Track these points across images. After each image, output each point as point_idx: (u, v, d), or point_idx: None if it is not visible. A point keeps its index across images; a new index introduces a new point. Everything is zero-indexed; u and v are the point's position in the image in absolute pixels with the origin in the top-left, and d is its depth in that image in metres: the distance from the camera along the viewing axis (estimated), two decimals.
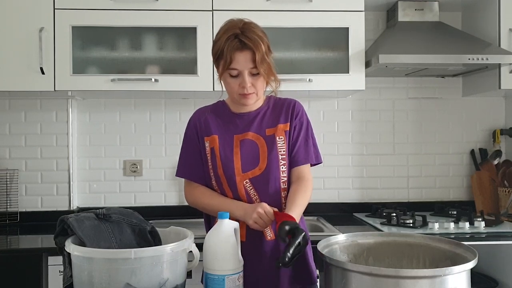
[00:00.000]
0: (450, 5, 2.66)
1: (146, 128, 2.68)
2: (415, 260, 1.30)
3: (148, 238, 1.29)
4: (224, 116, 1.55)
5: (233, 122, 1.53)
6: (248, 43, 1.38)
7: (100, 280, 1.08)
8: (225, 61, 1.40)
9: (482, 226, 2.23)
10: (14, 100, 2.58)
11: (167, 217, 2.50)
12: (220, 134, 1.51)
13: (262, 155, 1.49)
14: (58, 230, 1.21)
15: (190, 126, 1.57)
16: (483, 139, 2.83)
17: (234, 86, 1.44)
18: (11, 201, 2.53)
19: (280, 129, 1.52)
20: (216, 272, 1.18)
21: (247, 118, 1.53)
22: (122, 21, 2.27)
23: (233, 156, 1.48)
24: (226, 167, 1.47)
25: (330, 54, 2.41)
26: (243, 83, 1.42)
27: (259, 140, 1.50)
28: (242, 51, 1.39)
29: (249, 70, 1.41)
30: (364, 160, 2.78)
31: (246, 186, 1.47)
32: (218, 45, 1.42)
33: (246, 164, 1.48)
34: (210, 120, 1.54)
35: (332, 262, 1.13)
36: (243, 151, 1.49)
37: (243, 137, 1.51)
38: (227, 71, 1.42)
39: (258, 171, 1.48)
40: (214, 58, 1.46)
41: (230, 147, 1.49)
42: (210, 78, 2.28)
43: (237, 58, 1.39)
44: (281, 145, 1.50)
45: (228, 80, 1.45)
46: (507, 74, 2.41)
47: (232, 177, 1.47)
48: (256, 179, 1.47)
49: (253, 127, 1.51)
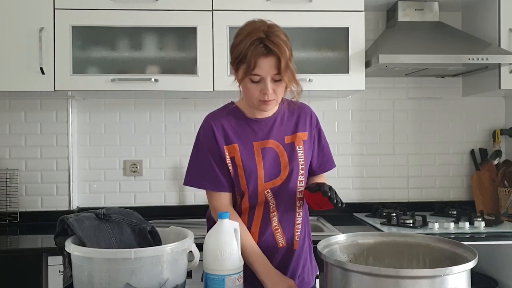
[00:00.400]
0: (450, 5, 2.66)
1: (146, 128, 2.68)
2: (415, 260, 1.30)
3: (148, 238, 1.29)
4: (240, 122, 1.48)
5: (251, 129, 1.47)
6: (273, 49, 1.32)
7: (100, 280, 1.08)
8: (248, 66, 1.34)
9: (482, 226, 2.23)
10: (14, 100, 2.58)
11: (167, 217, 2.50)
12: (240, 143, 1.45)
13: (283, 164, 1.46)
14: (58, 230, 1.21)
15: (205, 132, 1.47)
16: (483, 139, 2.83)
17: (255, 92, 1.38)
18: (11, 201, 2.53)
19: (299, 138, 1.49)
20: (216, 272, 1.18)
21: (264, 124, 1.48)
22: (122, 21, 2.27)
23: (256, 165, 1.44)
24: (249, 177, 1.43)
25: (330, 54, 2.41)
26: (265, 90, 1.36)
27: (279, 148, 1.47)
28: (267, 57, 1.33)
29: (272, 77, 1.36)
30: (364, 160, 2.78)
31: (267, 196, 1.45)
32: (240, 48, 1.35)
33: (268, 174, 1.45)
34: (226, 126, 1.46)
35: (332, 262, 1.13)
36: (265, 160, 1.45)
37: (263, 145, 1.46)
38: (249, 77, 1.36)
39: (279, 181, 1.46)
40: (235, 61, 1.40)
41: (252, 156, 1.44)
42: (210, 78, 2.28)
43: (261, 64, 1.33)
44: (301, 155, 1.48)
45: (249, 85, 1.38)
46: (507, 74, 2.40)
47: (255, 187, 1.44)
48: (276, 189, 1.46)
49: (272, 134, 1.47)
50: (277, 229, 1.47)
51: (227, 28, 2.28)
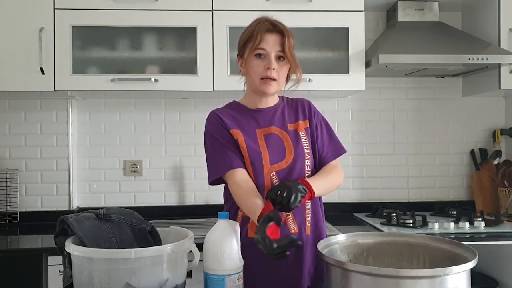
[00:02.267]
0: (450, 5, 2.66)
1: (146, 128, 2.68)
2: (415, 260, 1.30)
3: (148, 238, 1.29)
4: (241, 113, 1.55)
5: (253, 118, 1.53)
6: (279, 26, 1.46)
7: (100, 280, 1.08)
8: (254, 41, 1.44)
9: (482, 226, 2.23)
10: (14, 100, 2.58)
11: (167, 217, 2.50)
12: (242, 131, 1.50)
13: (288, 148, 1.50)
14: (58, 230, 1.21)
15: (211, 122, 1.53)
16: (483, 139, 2.83)
17: (259, 68, 1.46)
18: (11, 201, 2.53)
19: (301, 126, 1.55)
20: (216, 272, 1.18)
21: (266, 113, 1.54)
22: (122, 21, 2.27)
23: (260, 148, 1.48)
24: (254, 159, 1.46)
25: (330, 54, 2.41)
26: (269, 64, 1.44)
27: (283, 134, 1.52)
28: (272, 33, 1.45)
29: (276, 53, 1.45)
30: (364, 160, 2.78)
31: (272, 178, 1.46)
32: (248, 30, 1.49)
33: (273, 156, 1.47)
34: (229, 116, 1.53)
35: (332, 262, 1.13)
36: (269, 143, 1.49)
37: (265, 131, 1.51)
38: (255, 51, 1.45)
39: (285, 164, 1.48)
40: (241, 45, 1.50)
41: (255, 141, 1.49)
42: (210, 78, 2.28)
43: (266, 39, 1.45)
44: (304, 140, 1.52)
45: (253, 62, 1.46)
46: (507, 74, 2.40)
47: (260, 168, 1.46)
48: (282, 172, 1.47)
49: (275, 122, 1.53)
50: (288, 215, 1.46)
51: (227, 28, 2.28)
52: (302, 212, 1.49)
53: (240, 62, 1.54)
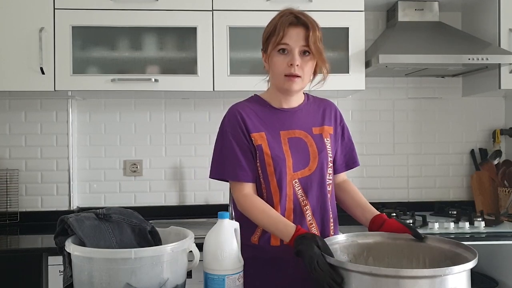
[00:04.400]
0: (450, 5, 2.66)
1: (146, 128, 2.68)
2: (415, 260, 1.30)
3: (148, 238, 1.29)
4: (265, 111, 1.46)
5: (277, 118, 1.45)
6: (303, 19, 1.38)
7: (100, 280, 1.08)
8: (277, 36, 1.37)
9: (482, 226, 2.23)
10: (14, 100, 2.58)
11: (167, 217, 2.50)
12: (266, 131, 1.42)
13: (312, 154, 1.43)
14: (58, 230, 1.21)
15: (231, 120, 1.44)
16: (483, 139, 2.83)
17: (282, 65, 1.38)
18: (11, 201, 2.53)
19: (326, 131, 1.48)
20: (216, 272, 1.18)
21: (290, 114, 1.47)
22: (122, 21, 2.27)
23: (284, 154, 1.41)
24: (277, 165, 1.39)
25: (330, 54, 2.40)
26: (292, 60, 1.37)
27: (307, 138, 1.45)
28: (296, 26, 1.38)
29: (300, 48, 1.38)
30: (364, 160, 2.76)
31: (295, 186, 1.41)
32: (271, 23, 1.41)
33: (297, 163, 1.41)
34: (252, 114, 1.44)
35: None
36: (293, 149, 1.42)
37: (289, 134, 1.44)
38: (278, 47, 1.38)
39: (308, 172, 1.42)
40: (265, 39, 1.42)
41: (279, 145, 1.42)
42: (210, 78, 2.28)
43: (289, 33, 1.37)
44: (329, 147, 1.46)
45: (276, 58, 1.39)
46: (507, 74, 2.40)
47: (283, 176, 1.40)
48: (304, 180, 1.42)
49: (299, 124, 1.46)
50: (311, 224, 1.43)
51: (227, 28, 2.29)
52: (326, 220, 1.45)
53: (264, 58, 1.47)
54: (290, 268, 1.40)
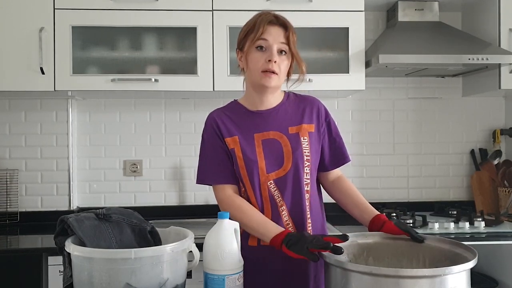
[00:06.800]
0: (450, 5, 2.66)
1: (146, 128, 2.68)
2: (415, 260, 1.30)
3: (148, 238, 1.29)
4: (241, 115, 1.49)
5: (252, 121, 1.47)
6: (282, 19, 1.44)
7: (100, 280, 1.08)
8: (256, 32, 1.40)
9: (482, 226, 2.23)
10: (14, 100, 2.58)
11: (167, 217, 2.50)
12: (240, 135, 1.45)
13: (286, 154, 1.43)
14: (58, 230, 1.21)
15: (207, 128, 1.49)
16: (483, 139, 2.83)
17: (259, 61, 1.40)
18: (11, 201, 2.53)
19: (304, 129, 1.47)
20: (216, 272, 1.18)
21: (266, 115, 1.48)
22: (122, 21, 2.27)
23: (257, 156, 1.43)
24: (249, 168, 1.42)
25: (330, 54, 2.41)
26: (271, 57, 1.39)
27: (282, 139, 1.45)
28: (275, 25, 1.43)
29: (278, 46, 1.41)
30: (364, 160, 2.78)
31: (270, 187, 1.43)
32: (250, 21, 1.46)
33: (270, 165, 1.43)
34: (227, 120, 1.48)
35: (332, 262, 1.13)
36: (266, 151, 1.44)
37: (264, 136, 1.45)
38: (257, 43, 1.41)
39: (283, 172, 1.43)
40: (242, 37, 1.46)
41: (252, 148, 1.44)
42: (210, 78, 2.28)
43: (269, 30, 1.41)
44: (305, 146, 1.45)
45: (254, 55, 1.41)
46: (507, 74, 2.41)
47: (255, 178, 1.42)
48: (280, 180, 1.43)
49: (274, 125, 1.46)
50: (288, 224, 1.43)
51: (227, 28, 2.29)
52: (303, 220, 1.45)
53: (239, 56, 1.49)
54: (267, 269, 1.42)
